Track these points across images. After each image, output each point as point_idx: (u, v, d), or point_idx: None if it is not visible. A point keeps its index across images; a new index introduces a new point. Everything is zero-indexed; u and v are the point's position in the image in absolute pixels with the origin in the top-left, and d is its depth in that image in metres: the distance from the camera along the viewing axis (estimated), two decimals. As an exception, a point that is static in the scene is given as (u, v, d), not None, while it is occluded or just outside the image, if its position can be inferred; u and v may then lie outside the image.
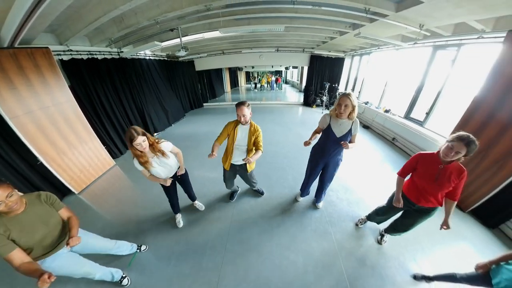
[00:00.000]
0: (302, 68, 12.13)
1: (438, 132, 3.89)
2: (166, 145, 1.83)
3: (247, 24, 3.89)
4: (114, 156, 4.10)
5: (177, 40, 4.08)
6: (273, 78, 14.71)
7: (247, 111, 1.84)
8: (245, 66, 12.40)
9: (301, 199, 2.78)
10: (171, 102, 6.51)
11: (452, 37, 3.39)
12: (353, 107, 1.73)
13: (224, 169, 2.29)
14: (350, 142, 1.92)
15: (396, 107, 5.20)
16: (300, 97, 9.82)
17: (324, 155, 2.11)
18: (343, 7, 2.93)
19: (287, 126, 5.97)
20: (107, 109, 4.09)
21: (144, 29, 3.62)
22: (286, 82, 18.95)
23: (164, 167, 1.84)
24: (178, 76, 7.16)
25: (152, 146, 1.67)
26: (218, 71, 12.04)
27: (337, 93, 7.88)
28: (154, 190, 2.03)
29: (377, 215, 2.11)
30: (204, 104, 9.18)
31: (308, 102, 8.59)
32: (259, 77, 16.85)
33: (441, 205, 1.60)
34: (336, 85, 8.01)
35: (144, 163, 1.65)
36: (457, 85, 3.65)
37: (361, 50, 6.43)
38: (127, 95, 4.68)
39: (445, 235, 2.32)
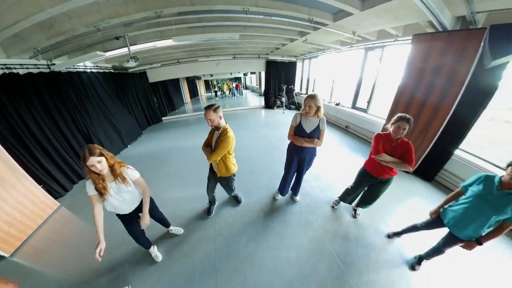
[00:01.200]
0: (260, 73, 12.67)
1: (379, 116, 4.69)
2: (131, 173, 1.54)
3: (201, 32, 3.85)
4: (56, 195, 3.21)
5: (124, 50, 3.70)
6: (234, 85, 14.84)
7: (213, 115, 1.75)
8: (204, 75, 12.11)
9: (279, 197, 2.84)
10: (124, 120, 5.74)
11: (377, 41, 4.18)
12: (318, 107, 1.95)
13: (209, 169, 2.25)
14: (318, 137, 2.15)
15: (344, 100, 6.04)
16: (261, 101, 10.17)
17: (298, 151, 2.25)
18: (290, 17, 3.24)
19: (253, 129, 6.10)
20: (39, 138, 3.24)
21: (81, 37, 3.15)
22: (246, 88, 19.37)
23: (121, 198, 1.51)
24: (129, 90, 6.41)
25: (112, 167, 1.40)
26: (175, 82, 11.36)
27: (294, 94, 8.55)
28: (118, 227, 1.69)
29: (348, 195, 2.40)
30: (163, 118, 8.45)
31: (269, 104, 8.99)
32: (219, 84, 16.73)
33: (396, 175, 1.95)
34: (292, 86, 8.66)
35: (101, 189, 1.38)
36: (386, 77, 4.50)
37: (309, 54, 7.19)
38: (65, 118, 3.85)
39: (400, 196, 2.91)
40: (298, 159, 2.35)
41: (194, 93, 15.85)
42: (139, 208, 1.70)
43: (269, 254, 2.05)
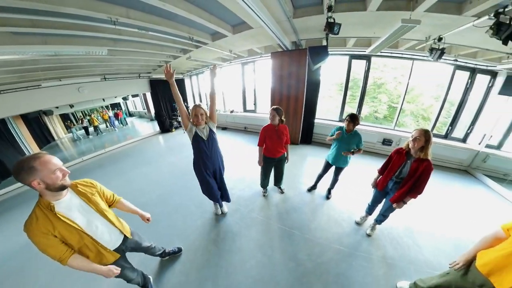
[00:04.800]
0: (145, 94, 10.90)
1: (265, 112, 6.03)
2: None
3: (42, 42, 2.66)
4: None
5: None
6: (111, 114, 11.36)
7: (53, 164, 0.94)
8: (57, 107, 8.11)
9: (220, 211, 2.63)
10: None
11: (249, 57, 5.21)
12: (206, 113, 1.96)
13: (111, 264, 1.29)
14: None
15: (236, 106, 6.91)
16: (155, 126, 8.81)
17: (206, 163, 2.09)
18: (170, 33, 3.09)
19: (156, 161, 4.92)
20: None
21: None
22: (130, 115, 15.69)
23: None
24: None
25: None
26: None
27: (189, 111, 8.30)
28: None
29: (263, 179, 2.81)
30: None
31: (165, 128, 7.96)
32: (88, 117, 11.87)
33: (286, 151, 2.57)
34: (186, 104, 8.35)
35: None
36: (262, 83, 5.74)
37: (196, 71, 7.33)
38: None
39: (301, 161, 3.88)
40: (212, 172, 2.20)
41: (45, 139, 9.84)
42: None
43: (241, 273, 1.87)
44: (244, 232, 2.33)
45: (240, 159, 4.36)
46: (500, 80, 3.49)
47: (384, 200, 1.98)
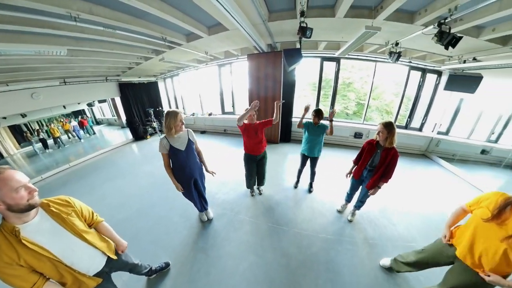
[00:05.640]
0: (114, 100, 9.93)
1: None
2: None
3: (-18, 41, 2.27)
4: None
5: None
6: (74, 123, 9.95)
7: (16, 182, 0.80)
8: (4, 118, 6.81)
9: (205, 217, 2.52)
10: None
11: (225, 59, 5.18)
12: (182, 122, 1.84)
13: None
14: (196, 151, 2.08)
15: (215, 109, 6.79)
16: (127, 133, 8.07)
17: (186, 173, 2.00)
18: (141, 33, 2.90)
19: (131, 172, 4.48)
20: None
21: None
22: (98, 122, 14.10)
23: None
24: None
25: None
26: None
27: (163, 120, 7.83)
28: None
29: (249, 180, 2.77)
30: None
31: (139, 135, 7.35)
32: (46, 127, 9.95)
33: (266, 145, 2.57)
34: (160, 108, 7.82)
35: None
36: (240, 84, 5.74)
37: (170, 73, 6.96)
38: None
39: (282, 159, 4.02)
40: (191, 180, 2.12)
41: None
42: None
43: (234, 278, 1.83)
44: (233, 236, 2.27)
45: (222, 162, 4.27)
46: (444, 79, 4.15)
47: (360, 187, 2.17)
